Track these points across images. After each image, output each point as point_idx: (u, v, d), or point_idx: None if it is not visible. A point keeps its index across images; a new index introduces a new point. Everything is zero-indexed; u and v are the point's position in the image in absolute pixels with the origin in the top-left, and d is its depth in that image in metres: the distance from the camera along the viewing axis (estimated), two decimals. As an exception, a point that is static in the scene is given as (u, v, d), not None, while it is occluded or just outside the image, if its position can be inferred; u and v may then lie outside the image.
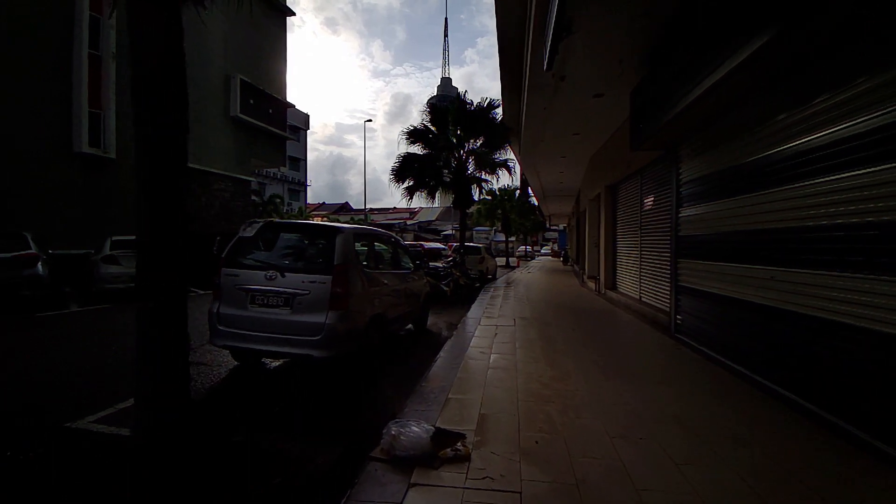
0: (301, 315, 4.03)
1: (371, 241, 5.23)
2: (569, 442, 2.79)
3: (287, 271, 4.12)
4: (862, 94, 2.91)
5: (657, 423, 3.11)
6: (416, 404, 3.48)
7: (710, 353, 4.89)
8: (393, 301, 5.34)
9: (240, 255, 4.35)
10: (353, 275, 4.28)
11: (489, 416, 3.22)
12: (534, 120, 9.87)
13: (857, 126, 2.94)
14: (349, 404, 3.80)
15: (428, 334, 6.87)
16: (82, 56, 13.22)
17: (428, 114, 13.94)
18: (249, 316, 4.12)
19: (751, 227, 4.19)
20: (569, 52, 5.67)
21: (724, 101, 4.33)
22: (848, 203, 3.02)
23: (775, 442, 2.85)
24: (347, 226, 4.61)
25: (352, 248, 4.39)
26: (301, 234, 4.60)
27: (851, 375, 2.95)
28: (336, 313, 4.03)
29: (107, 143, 13.32)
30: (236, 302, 4.19)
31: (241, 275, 4.22)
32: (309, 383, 4.32)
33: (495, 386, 3.91)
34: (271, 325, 4.06)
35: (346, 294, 4.11)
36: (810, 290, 3.36)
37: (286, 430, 3.19)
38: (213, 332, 4.23)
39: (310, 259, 4.37)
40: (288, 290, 4.07)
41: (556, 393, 3.72)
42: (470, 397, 3.62)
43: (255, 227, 4.35)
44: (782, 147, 3.72)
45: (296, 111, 43.52)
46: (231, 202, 17.49)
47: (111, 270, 9.20)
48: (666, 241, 6.96)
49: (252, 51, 18.92)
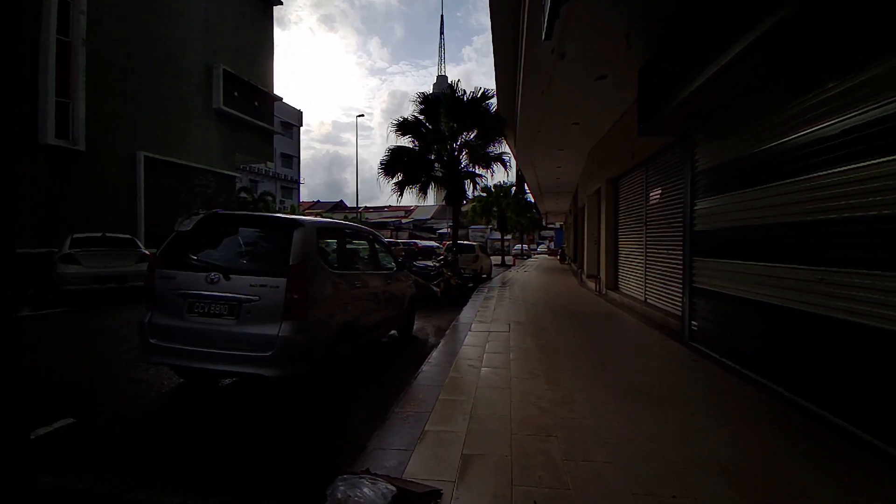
0: (249, 326, 3.31)
1: (342, 238, 4.51)
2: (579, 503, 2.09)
3: (232, 273, 3.39)
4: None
5: (693, 469, 2.42)
6: (383, 440, 2.78)
7: (737, 368, 4.20)
8: (369, 306, 4.63)
9: (177, 254, 3.62)
10: (314, 277, 3.56)
11: (474, 458, 2.52)
12: (530, 109, 9.17)
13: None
14: (298, 438, 3.08)
15: (413, 342, 6.16)
16: (50, 42, 12.40)
17: (419, 105, 13.17)
18: (187, 327, 3.39)
19: (793, 219, 3.49)
20: (570, 21, 4.97)
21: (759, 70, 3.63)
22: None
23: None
24: (310, 218, 3.88)
25: (313, 244, 3.67)
26: (251, 229, 3.85)
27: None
28: (292, 324, 3.32)
29: (75, 134, 12.47)
30: (172, 310, 3.46)
31: (178, 277, 3.49)
32: (258, 408, 3.60)
33: (485, 412, 3.21)
34: (213, 338, 3.34)
35: (305, 300, 3.39)
36: (877, 297, 2.68)
37: (186, 480, 2.46)
38: (144, 347, 3.50)
39: (261, 258, 3.64)
40: (233, 296, 3.35)
41: (559, 422, 3.03)
42: (453, 429, 2.92)
43: (195, 219, 3.62)
44: (849, 116, 3.02)
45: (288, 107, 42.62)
46: (214, 198, 16.67)
47: (70, 270, 8.41)
48: (677, 238, 6.28)
49: (236, 40, 18.07)
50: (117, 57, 13.74)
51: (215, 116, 16.97)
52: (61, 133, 12.33)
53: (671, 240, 6.67)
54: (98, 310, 7.88)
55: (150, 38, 14.63)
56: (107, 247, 9.11)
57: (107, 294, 8.86)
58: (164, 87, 15.05)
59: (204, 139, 16.63)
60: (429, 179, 13.47)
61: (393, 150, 13.06)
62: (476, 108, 12.79)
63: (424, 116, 13.23)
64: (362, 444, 2.71)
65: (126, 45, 13.98)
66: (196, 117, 16.24)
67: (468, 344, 5.43)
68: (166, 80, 15.13)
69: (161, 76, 14.93)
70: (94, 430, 3.09)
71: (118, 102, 13.75)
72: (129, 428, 3.16)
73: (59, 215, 11.96)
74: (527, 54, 6.65)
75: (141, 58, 14.32)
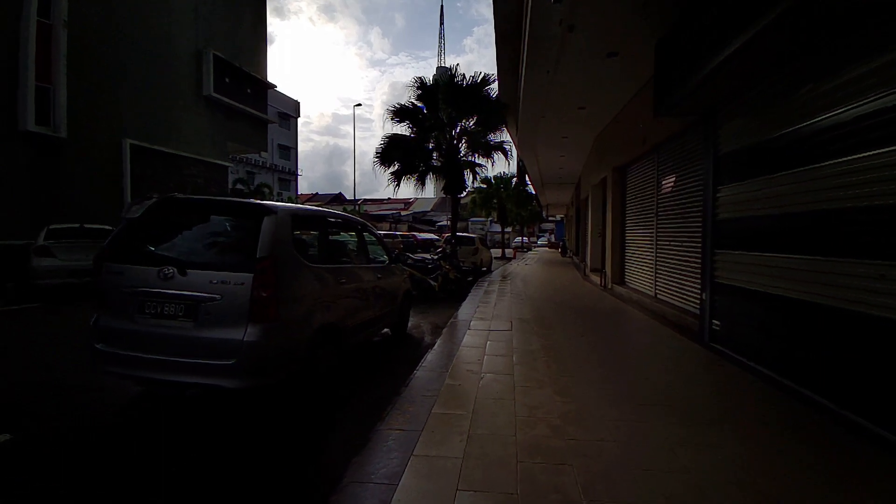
0: (209, 330, 2.82)
1: (325, 228, 4.00)
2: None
3: (189, 267, 2.89)
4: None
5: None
6: (363, 468, 2.29)
7: (773, 376, 3.72)
8: (356, 304, 4.14)
9: (128, 245, 3.11)
10: (287, 271, 3.06)
11: (472, 498, 2.04)
12: (534, 92, 8.62)
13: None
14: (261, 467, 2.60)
15: (407, 341, 5.68)
16: (30, 25, 11.79)
17: (416, 90, 12.58)
18: (137, 331, 2.90)
19: (848, 204, 2.98)
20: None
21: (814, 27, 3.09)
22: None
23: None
24: (284, 204, 3.36)
25: (287, 235, 3.16)
26: (215, 217, 3.33)
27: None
28: (260, 327, 2.82)
29: (57, 120, 11.88)
30: (121, 311, 2.97)
31: (127, 272, 2.99)
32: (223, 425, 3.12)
33: (485, 431, 2.73)
34: (166, 343, 2.85)
35: (275, 299, 2.90)
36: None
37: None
38: (91, 354, 3.01)
39: (224, 250, 3.13)
40: (190, 295, 2.85)
41: (573, 446, 2.54)
42: (447, 454, 2.44)
43: (146, 204, 3.11)
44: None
45: (285, 97, 41.87)
46: (205, 189, 16.09)
47: (44, 264, 7.92)
48: (694, 228, 5.79)
49: (227, 25, 17.39)
50: (102, 41, 13.12)
51: (206, 104, 16.34)
52: (42, 120, 11.74)
53: (687, 231, 6.17)
54: (73, 305, 7.40)
55: (138, 22, 13.99)
56: (85, 238, 8.60)
57: (83, 289, 8.36)
58: (152, 72, 14.42)
59: (194, 127, 16.03)
60: (427, 169, 12.93)
61: (389, 137, 12.51)
62: (476, 94, 12.23)
63: (422, 102, 12.68)
64: (338, 476, 2.23)
65: (112, 28, 13.35)
66: (185, 104, 15.62)
67: (467, 345, 4.95)
68: (154, 65, 14.49)
69: (149, 61, 14.29)
70: (28, 450, 2.61)
71: (103, 88, 13.15)
72: (68, 447, 2.68)
73: (41, 205, 11.43)
74: (532, 25, 6.08)
75: (127, 42, 13.69)
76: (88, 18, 12.80)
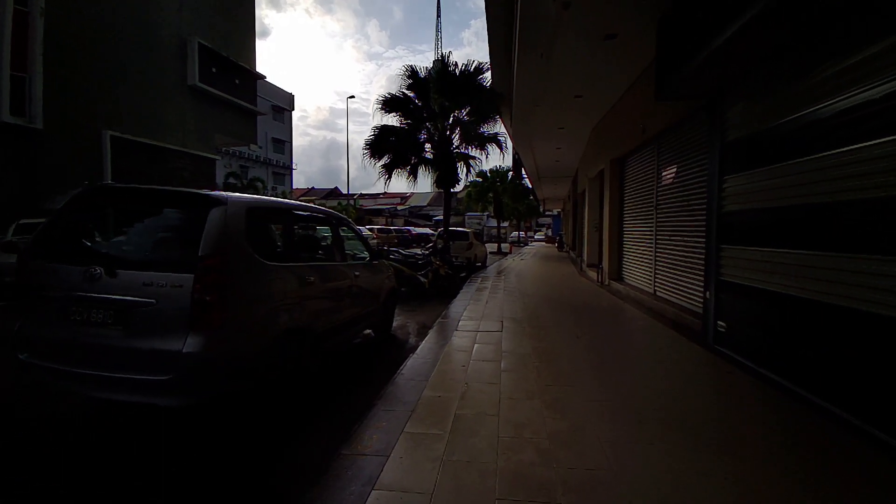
0: (141, 339, 2.42)
1: (290, 222, 3.59)
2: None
3: (119, 267, 2.50)
4: None
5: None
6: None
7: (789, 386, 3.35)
8: (329, 305, 3.76)
9: (53, 241, 2.71)
10: (238, 271, 2.67)
11: (437, 550, 1.67)
12: (528, 79, 8.18)
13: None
14: (192, 492, 2.22)
15: (390, 343, 5.31)
16: (6, 12, 11.27)
17: (407, 79, 12.11)
18: (61, 339, 2.51)
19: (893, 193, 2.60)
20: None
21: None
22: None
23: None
24: (238, 195, 2.94)
25: (239, 229, 2.75)
26: (156, 208, 2.92)
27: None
28: (202, 335, 2.43)
29: (32, 111, 11.38)
30: (44, 316, 2.58)
31: (51, 271, 2.60)
32: (165, 442, 2.73)
33: (462, 457, 2.35)
34: (95, 354, 2.46)
35: (222, 302, 2.50)
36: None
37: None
38: (15, 365, 2.62)
39: (163, 247, 2.73)
40: (120, 298, 2.46)
41: (566, 478, 2.17)
42: (411, 488, 2.06)
43: (72, 194, 2.70)
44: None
45: (279, 90, 41.22)
46: (191, 182, 15.62)
47: (11, 260, 7.46)
48: (697, 222, 5.41)
49: (213, 11, 16.83)
50: (81, 29, 12.58)
51: (191, 94, 15.82)
52: (17, 110, 11.27)
53: (688, 224, 5.80)
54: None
55: (119, 9, 13.44)
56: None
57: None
58: (134, 61, 13.88)
59: (179, 118, 15.51)
60: (419, 161, 12.47)
61: (380, 128, 12.05)
62: (470, 83, 11.77)
63: (413, 92, 12.20)
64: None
65: (92, 16, 12.80)
66: (169, 94, 15.09)
67: (452, 348, 4.57)
68: (136, 54, 13.95)
69: (130, 50, 13.75)
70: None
71: (82, 78, 12.62)
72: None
73: (16, 199, 10.97)
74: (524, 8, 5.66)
75: (108, 30, 13.15)
76: (67, 6, 12.26)
